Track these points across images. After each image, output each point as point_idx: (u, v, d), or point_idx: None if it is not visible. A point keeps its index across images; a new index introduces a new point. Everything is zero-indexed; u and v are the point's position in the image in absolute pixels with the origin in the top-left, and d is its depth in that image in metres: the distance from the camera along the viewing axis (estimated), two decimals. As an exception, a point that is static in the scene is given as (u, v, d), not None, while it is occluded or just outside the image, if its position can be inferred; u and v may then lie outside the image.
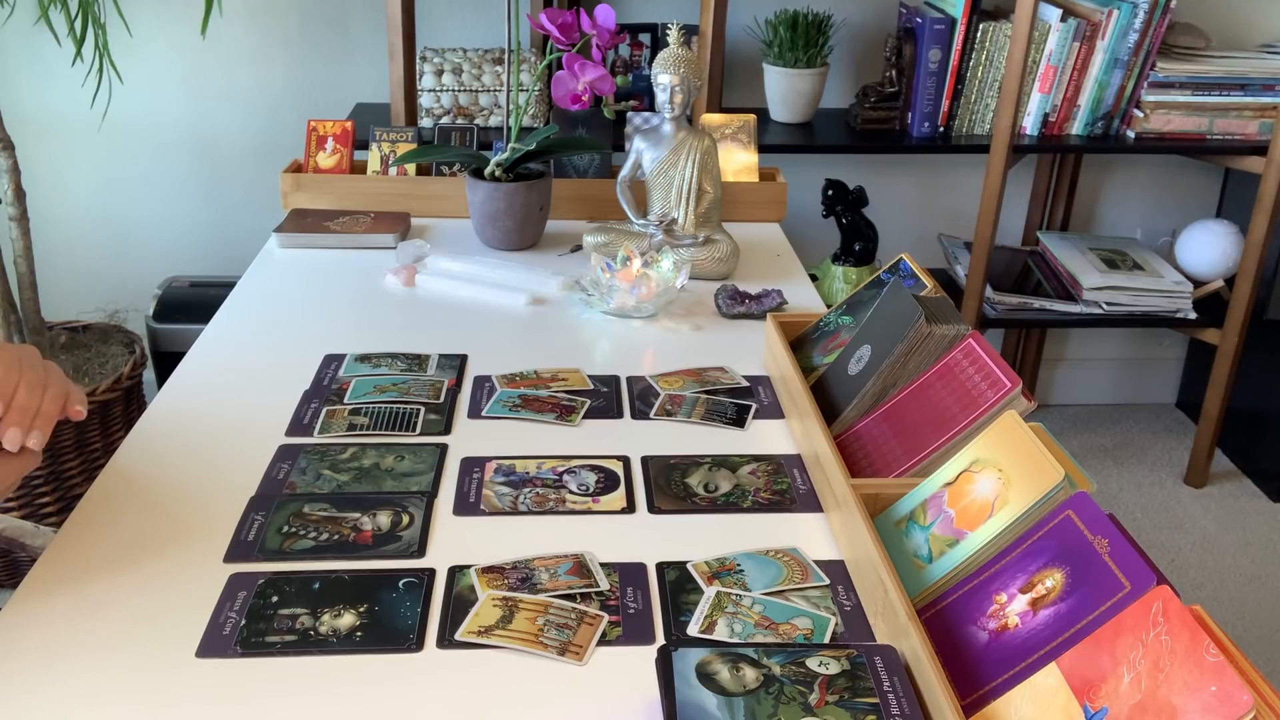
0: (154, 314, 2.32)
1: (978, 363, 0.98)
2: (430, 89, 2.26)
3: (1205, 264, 2.52)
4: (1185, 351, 2.95)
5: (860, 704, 0.71)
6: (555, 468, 1.06)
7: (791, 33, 2.32)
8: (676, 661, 0.74)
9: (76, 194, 2.53)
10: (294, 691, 0.78)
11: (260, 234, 1.69)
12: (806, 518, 1.00)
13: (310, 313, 1.40)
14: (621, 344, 1.34)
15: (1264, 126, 2.36)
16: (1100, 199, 2.76)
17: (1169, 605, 0.65)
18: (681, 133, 1.50)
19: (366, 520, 0.97)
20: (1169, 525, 2.48)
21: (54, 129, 2.46)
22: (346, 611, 0.86)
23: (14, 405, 0.86)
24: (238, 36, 2.43)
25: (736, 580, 0.90)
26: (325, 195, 1.70)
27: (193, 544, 0.93)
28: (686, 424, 1.16)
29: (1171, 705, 0.61)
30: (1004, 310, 2.46)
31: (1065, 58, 2.30)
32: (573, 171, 1.74)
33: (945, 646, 0.77)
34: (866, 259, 2.44)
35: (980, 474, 0.86)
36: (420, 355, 1.28)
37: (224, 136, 2.51)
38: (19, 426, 0.86)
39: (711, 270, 1.51)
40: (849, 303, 1.23)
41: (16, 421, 0.86)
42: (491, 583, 0.89)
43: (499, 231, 1.59)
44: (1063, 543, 0.76)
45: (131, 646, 0.82)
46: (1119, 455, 2.76)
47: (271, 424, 1.13)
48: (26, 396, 0.86)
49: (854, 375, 1.08)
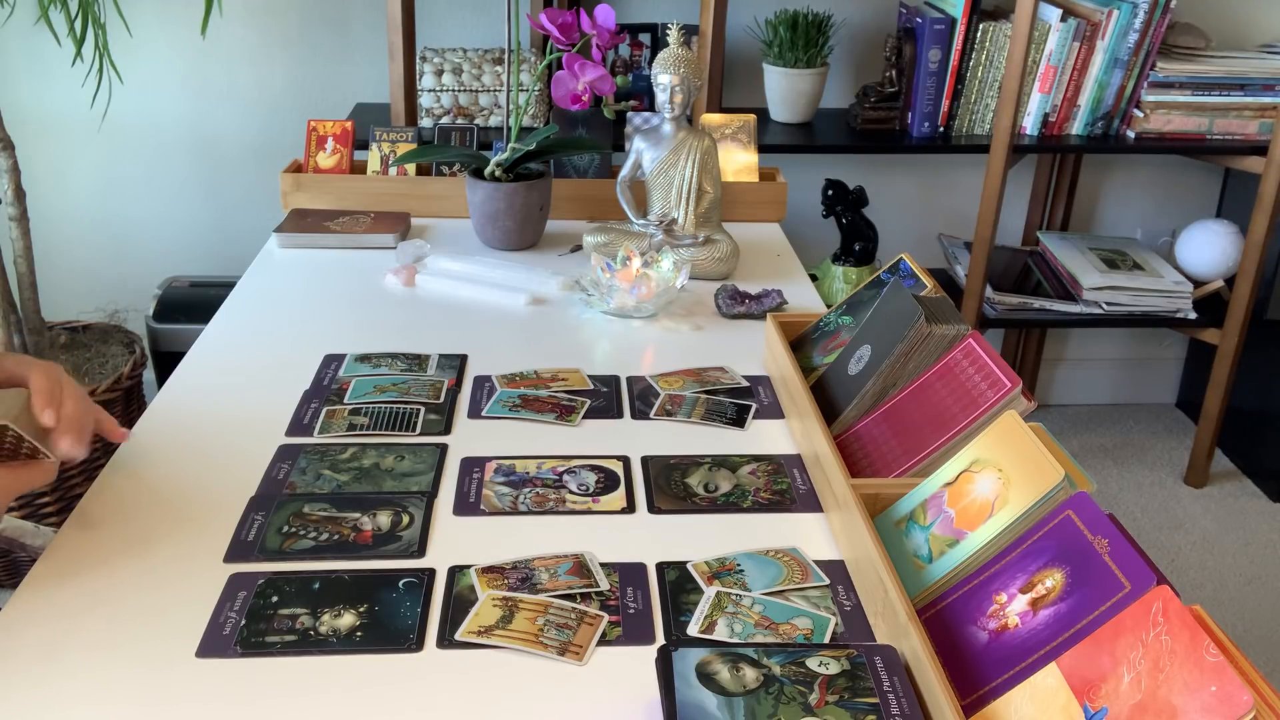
0: (154, 314, 2.32)
1: (978, 363, 0.98)
2: (430, 89, 2.26)
3: (1205, 264, 2.52)
4: (1185, 351, 2.95)
5: (860, 704, 0.71)
6: (555, 468, 1.06)
7: (791, 33, 2.32)
8: (676, 661, 0.74)
9: (76, 194, 2.53)
10: (294, 691, 0.78)
11: (260, 234, 1.69)
12: (806, 518, 1.00)
13: (310, 313, 1.40)
14: (621, 344, 1.34)
15: (1264, 126, 2.36)
16: (1100, 199, 2.76)
17: (1169, 605, 0.65)
18: (681, 133, 1.50)
19: (366, 520, 0.97)
20: (1169, 525, 2.48)
21: (54, 129, 2.46)
22: (346, 611, 0.86)
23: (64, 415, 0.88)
24: (238, 36, 2.43)
25: (736, 580, 0.90)
26: (325, 195, 1.70)
27: (193, 544, 0.93)
28: (686, 424, 1.16)
29: (1171, 705, 0.61)
30: (1004, 310, 2.46)
31: (1065, 58, 2.30)
32: (573, 171, 1.74)
33: (945, 646, 0.77)
34: (866, 259, 2.44)
35: (980, 474, 0.86)
36: (420, 355, 1.28)
37: (224, 136, 2.51)
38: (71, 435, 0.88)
39: (711, 270, 1.51)
40: (849, 303, 1.23)
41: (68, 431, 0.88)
42: (491, 583, 0.89)
43: (499, 231, 1.59)
44: (1063, 543, 0.76)
45: (131, 646, 0.82)
46: (1119, 455, 2.76)
47: (271, 424, 1.13)
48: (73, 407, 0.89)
49: (854, 375, 1.08)
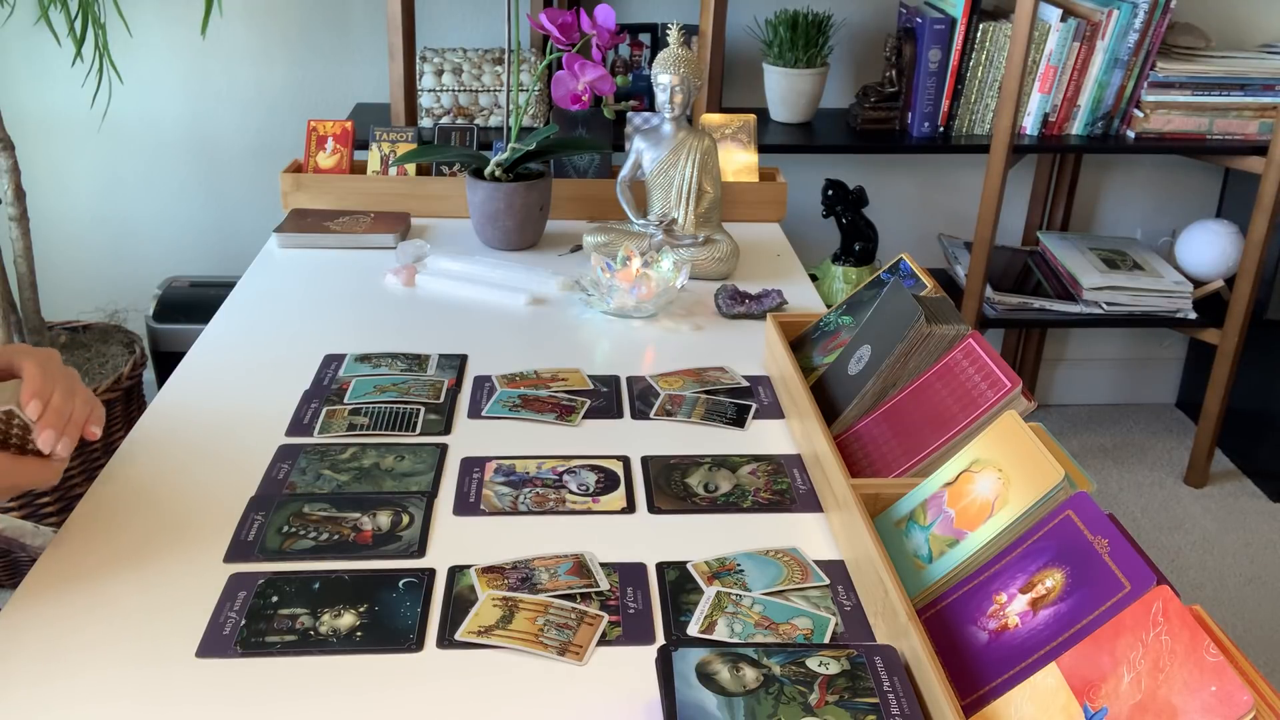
0: (154, 314, 2.32)
1: (978, 363, 0.98)
2: (430, 89, 2.26)
3: (1205, 264, 2.52)
4: (1185, 351, 2.95)
5: (860, 704, 0.71)
6: (555, 468, 1.06)
7: (791, 33, 2.32)
8: (676, 661, 0.74)
9: (76, 194, 2.53)
10: (294, 692, 0.78)
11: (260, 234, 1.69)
12: (806, 518, 1.00)
13: (310, 313, 1.40)
14: (621, 344, 1.34)
15: (1264, 126, 2.36)
16: (1100, 199, 2.76)
17: (1169, 605, 0.65)
18: (681, 133, 1.50)
19: (366, 520, 0.97)
20: (1169, 525, 2.48)
21: (54, 129, 2.46)
22: (346, 611, 0.86)
23: (50, 407, 0.84)
24: (238, 36, 2.43)
25: (736, 580, 0.90)
26: (325, 195, 1.70)
27: (193, 544, 0.93)
28: (686, 424, 1.16)
29: (1171, 705, 0.61)
30: (1004, 310, 2.46)
31: (1065, 58, 2.30)
32: (573, 171, 1.74)
33: (945, 646, 0.77)
34: (866, 259, 2.44)
35: (980, 474, 0.86)
36: (420, 355, 1.28)
37: (224, 136, 2.51)
38: (54, 429, 0.84)
39: (711, 270, 1.51)
40: (849, 303, 1.23)
41: (52, 424, 0.83)
42: (491, 583, 0.89)
43: (499, 231, 1.59)
44: (1063, 543, 0.76)
45: (131, 646, 0.82)
46: (1119, 455, 2.76)
47: (271, 424, 1.13)
48: (61, 400, 0.84)
49: (854, 375, 1.08)
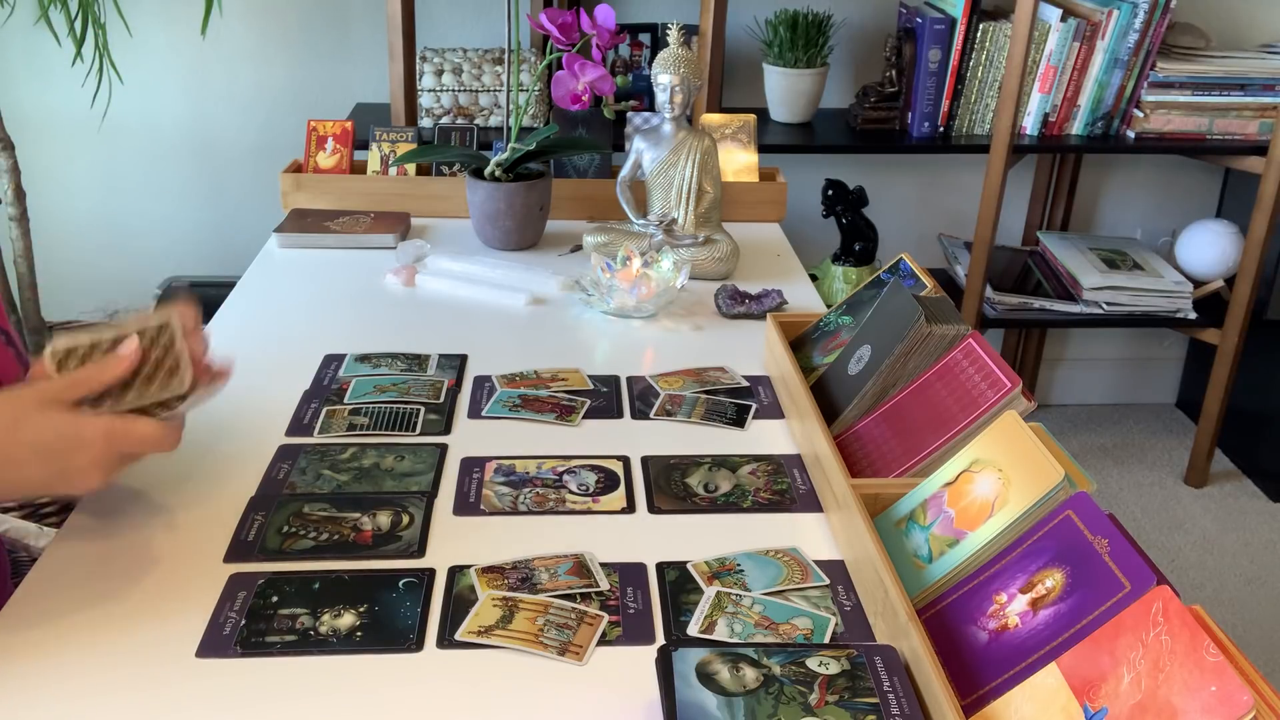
0: (154, 314, 2.32)
1: (978, 363, 0.98)
2: (430, 89, 2.26)
3: (1205, 264, 2.53)
4: (1185, 351, 2.95)
5: (860, 704, 0.71)
6: (555, 468, 1.06)
7: (791, 33, 2.32)
8: (676, 661, 0.74)
9: (76, 194, 2.53)
10: (294, 692, 0.78)
11: (260, 234, 1.69)
12: (806, 518, 1.00)
13: (310, 313, 1.40)
14: (621, 344, 1.34)
15: (1264, 126, 2.36)
16: (1100, 199, 2.76)
17: (1169, 605, 0.65)
18: (681, 133, 1.50)
19: (366, 520, 0.97)
20: (1169, 525, 2.48)
21: (54, 129, 2.46)
22: (346, 611, 0.86)
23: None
24: (238, 36, 2.43)
25: (736, 580, 0.90)
26: (325, 195, 1.70)
27: (193, 544, 0.93)
28: (686, 424, 1.16)
29: (1171, 705, 0.61)
30: (1004, 310, 2.46)
31: (1065, 58, 2.30)
32: (573, 171, 1.74)
33: (945, 646, 0.77)
34: (866, 259, 2.44)
35: (980, 474, 0.86)
36: (420, 355, 1.28)
37: (224, 137, 2.51)
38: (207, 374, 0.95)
39: (711, 270, 1.51)
40: (849, 303, 1.23)
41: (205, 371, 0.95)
42: (491, 583, 0.89)
43: (499, 231, 1.59)
44: (1063, 543, 0.76)
45: (131, 646, 0.82)
46: (1119, 455, 2.76)
47: (271, 424, 1.12)
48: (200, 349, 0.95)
49: (854, 375, 1.08)
